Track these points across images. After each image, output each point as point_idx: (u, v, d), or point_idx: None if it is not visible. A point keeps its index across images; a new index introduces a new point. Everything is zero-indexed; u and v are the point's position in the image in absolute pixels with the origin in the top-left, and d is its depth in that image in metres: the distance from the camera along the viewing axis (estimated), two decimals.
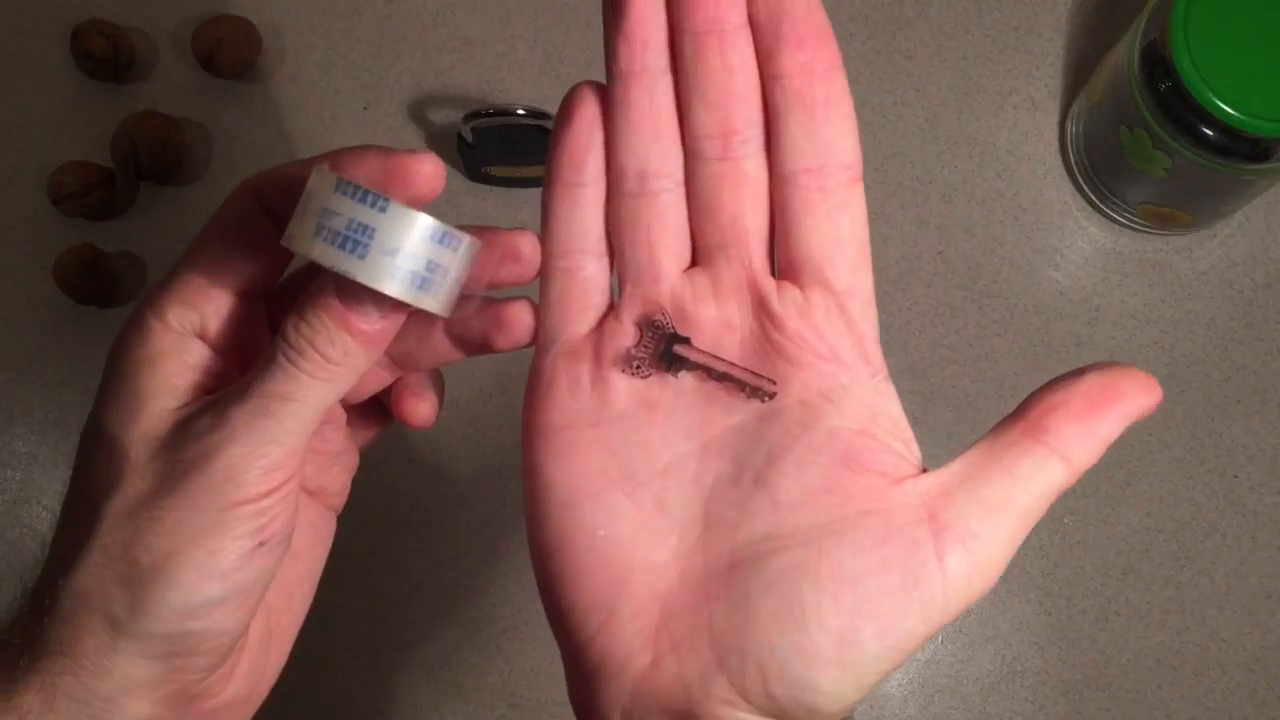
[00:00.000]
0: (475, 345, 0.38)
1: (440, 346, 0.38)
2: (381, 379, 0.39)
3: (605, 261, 0.37)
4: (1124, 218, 0.68)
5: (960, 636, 0.67)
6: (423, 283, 0.32)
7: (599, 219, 0.36)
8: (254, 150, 0.73)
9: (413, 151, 0.33)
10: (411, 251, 0.31)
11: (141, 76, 0.73)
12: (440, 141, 0.72)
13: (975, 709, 0.67)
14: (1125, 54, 0.61)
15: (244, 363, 0.36)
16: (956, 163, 0.70)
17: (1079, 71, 0.71)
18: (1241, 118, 0.56)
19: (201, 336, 0.36)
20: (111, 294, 0.70)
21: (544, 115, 0.65)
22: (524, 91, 0.72)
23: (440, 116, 0.72)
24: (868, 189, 0.35)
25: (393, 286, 0.31)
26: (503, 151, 0.68)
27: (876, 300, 0.36)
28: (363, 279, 0.31)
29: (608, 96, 0.36)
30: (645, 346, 0.36)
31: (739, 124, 0.35)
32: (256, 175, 0.36)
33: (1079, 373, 0.34)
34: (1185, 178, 0.62)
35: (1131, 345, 0.68)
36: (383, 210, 0.31)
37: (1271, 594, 0.66)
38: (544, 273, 0.37)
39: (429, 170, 0.33)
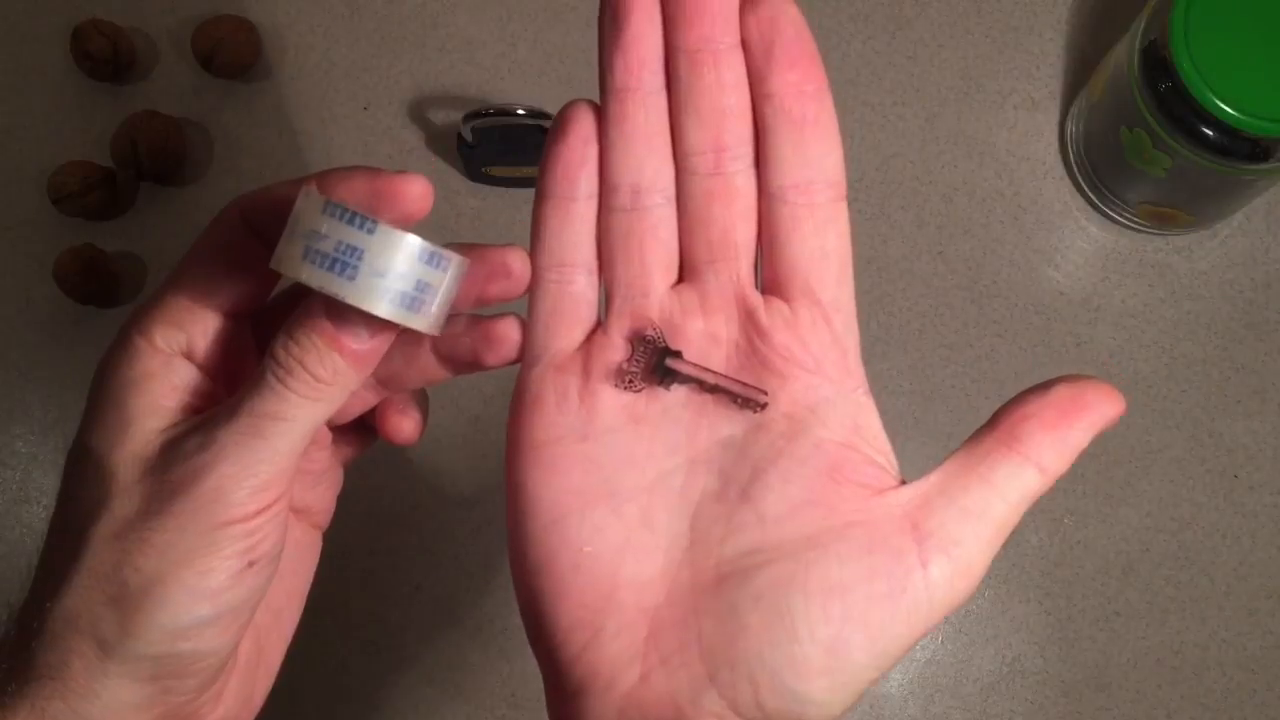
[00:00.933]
0: (463, 363, 0.38)
1: (428, 366, 0.38)
2: (367, 401, 0.39)
3: (595, 278, 0.37)
4: (1124, 218, 0.68)
5: (960, 636, 0.67)
6: (412, 302, 0.32)
7: (590, 234, 0.37)
8: (254, 150, 0.73)
9: (400, 172, 0.33)
10: (401, 272, 0.31)
11: (141, 76, 0.73)
12: (440, 141, 0.72)
13: (975, 709, 0.67)
14: (1125, 54, 0.61)
15: (231, 383, 0.36)
16: (956, 163, 0.70)
17: (1079, 71, 0.70)
18: (1241, 118, 0.56)
19: (188, 357, 0.35)
20: (111, 294, 0.71)
21: (544, 115, 0.65)
22: (524, 91, 0.72)
23: (440, 116, 0.72)
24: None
25: (383, 307, 0.31)
26: (503, 151, 0.68)
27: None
28: (353, 300, 0.31)
29: (603, 112, 0.36)
30: (637, 361, 0.36)
31: (730, 140, 0.35)
32: (243, 196, 0.36)
33: (1048, 385, 0.35)
34: (1185, 178, 0.62)
35: (1131, 345, 0.68)
36: (370, 232, 0.31)
37: (1271, 594, 0.66)
38: (534, 286, 0.37)
39: (417, 191, 0.33)
